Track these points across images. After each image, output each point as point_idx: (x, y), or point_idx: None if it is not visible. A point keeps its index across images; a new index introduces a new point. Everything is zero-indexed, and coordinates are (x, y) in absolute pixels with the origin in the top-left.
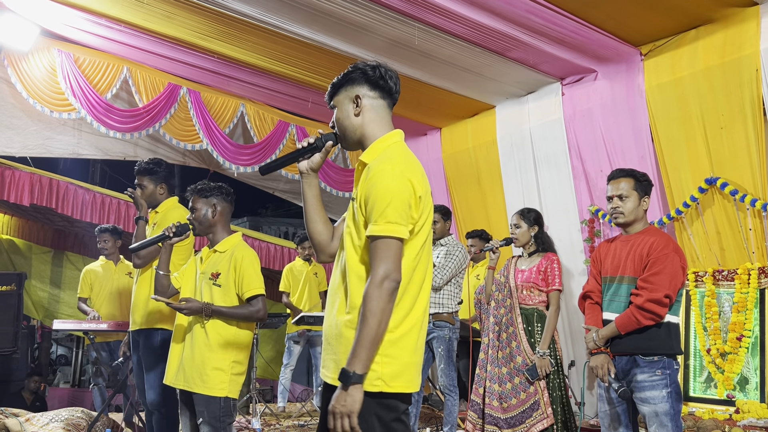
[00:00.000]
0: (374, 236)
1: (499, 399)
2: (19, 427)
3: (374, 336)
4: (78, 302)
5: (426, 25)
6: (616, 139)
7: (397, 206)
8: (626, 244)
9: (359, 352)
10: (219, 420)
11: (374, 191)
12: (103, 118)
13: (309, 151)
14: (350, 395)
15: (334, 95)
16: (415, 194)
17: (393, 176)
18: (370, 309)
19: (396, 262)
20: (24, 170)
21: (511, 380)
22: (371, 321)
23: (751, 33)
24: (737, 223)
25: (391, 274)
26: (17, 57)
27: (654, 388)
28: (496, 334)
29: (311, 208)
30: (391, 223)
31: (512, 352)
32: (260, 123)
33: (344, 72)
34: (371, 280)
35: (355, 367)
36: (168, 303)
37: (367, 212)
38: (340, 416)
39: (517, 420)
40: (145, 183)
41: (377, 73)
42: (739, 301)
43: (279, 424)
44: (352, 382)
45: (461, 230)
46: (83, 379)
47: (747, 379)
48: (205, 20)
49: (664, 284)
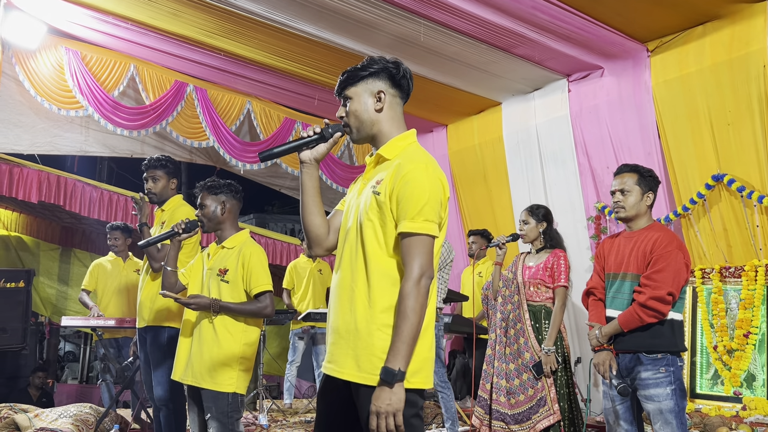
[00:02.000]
0: (410, 233)
1: (506, 395)
2: (27, 422)
3: (415, 333)
4: (80, 293)
5: (432, 21)
6: (623, 136)
7: (434, 205)
8: (630, 241)
9: (401, 348)
10: (227, 415)
11: (409, 189)
12: (111, 116)
13: (314, 141)
14: (395, 393)
15: (351, 85)
16: (445, 194)
17: (428, 175)
18: (410, 306)
19: (430, 259)
20: (32, 168)
21: (519, 376)
22: (413, 318)
23: (758, 29)
24: (744, 220)
25: (427, 271)
26: (25, 55)
27: (658, 385)
28: (503, 330)
29: (310, 200)
30: (428, 221)
31: (520, 349)
32: (266, 120)
33: (364, 63)
34: (408, 277)
35: (398, 363)
36: (177, 299)
37: (400, 209)
38: (386, 416)
39: (524, 416)
40: (159, 175)
41: (400, 71)
42: (746, 297)
43: (286, 420)
44: (397, 380)
45: (467, 227)
46: (91, 375)
47: (754, 375)
48: (212, 18)
49: (668, 282)
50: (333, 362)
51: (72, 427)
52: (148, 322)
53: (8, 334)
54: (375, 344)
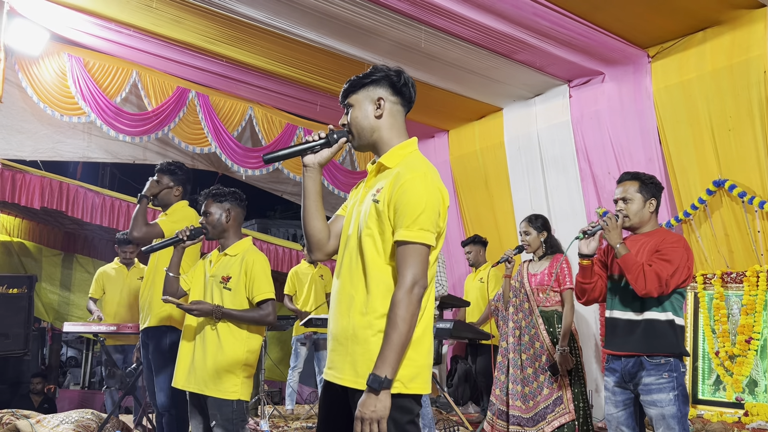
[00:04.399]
0: (405, 242)
1: (523, 399)
2: (29, 428)
3: (404, 341)
4: (88, 302)
5: (432, 28)
6: (624, 142)
7: (430, 214)
8: (636, 243)
9: (389, 356)
10: (232, 422)
11: (406, 198)
12: (113, 122)
13: (318, 146)
14: (380, 400)
15: (353, 93)
16: (444, 204)
17: (425, 185)
18: (400, 315)
19: (424, 268)
20: (35, 174)
21: (536, 379)
22: (402, 326)
23: (758, 35)
24: (746, 226)
25: (420, 280)
26: (28, 62)
27: (661, 390)
28: (517, 338)
29: (312, 204)
30: (424, 230)
31: (536, 353)
32: (268, 126)
33: (367, 72)
34: (401, 285)
35: (385, 371)
36: (179, 305)
37: (397, 217)
38: (370, 422)
39: (540, 416)
40: (165, 181)
41: (402, 79)
42: (748, 303)
43: (287, 426)
44: (383, 387)
45: (468, 232)
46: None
47: (756, 381)
48: (214, 24)
49: (669, 271)
50: (333, 368)
51: None
52: (150, 323)
53: (10, 339)
54: (372, 350)
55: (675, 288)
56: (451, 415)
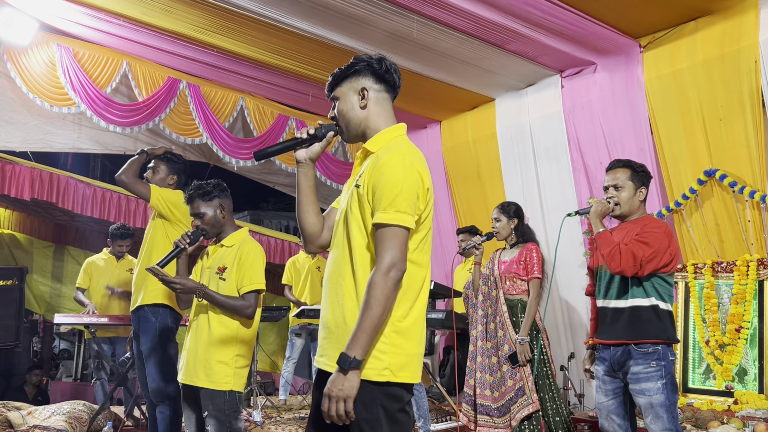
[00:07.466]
0: (382, 224)
1: (490, 388)
2: (21, 420)
3: (377, 323)
4: (75, 292)
5: (424, 17)
6: (616, 132)
7: (407, 196)
8: (622, 231)
9: (360, 337)
10: (224, 413)
11: (383, 180)
12: (103, 113)
13: (308, 141)
14: (348, 380)
15: (337, 86)
16: (423, 185)
17: (403, 166)
18: (374, 296)
19: (403, 251)
20: (24, 165)
21: (500, 368)
22: (375, 308)
23: (750, 24)
24: (736, 215)
25: (398, 263)
26: (17, 52)
27: (649, 379)
28: (485, 325)
29: (305, 198)
30: (400, 212)
31: (499, 342)
32: (260, 117)
33: (348, 63)
34: (377, 267)
35: (355, 352)
36: (163, 277)
37: (375, 200)
38: (336, 400)
39: (506, 407)
40: (160, 168)
41: (383, 66)
42: (738, 292)
43: (280, 416)
44: (351, 367)
45: (461, 223)
46: (86, 373)
47: (746, 370)
48: (204, 14)
49: (646, 252)
50: (324, 356)
51: (65, 425)
52: (141, 301)
53: (1, 331)
54: None
55: (653, 272)
56: (443, 405)
